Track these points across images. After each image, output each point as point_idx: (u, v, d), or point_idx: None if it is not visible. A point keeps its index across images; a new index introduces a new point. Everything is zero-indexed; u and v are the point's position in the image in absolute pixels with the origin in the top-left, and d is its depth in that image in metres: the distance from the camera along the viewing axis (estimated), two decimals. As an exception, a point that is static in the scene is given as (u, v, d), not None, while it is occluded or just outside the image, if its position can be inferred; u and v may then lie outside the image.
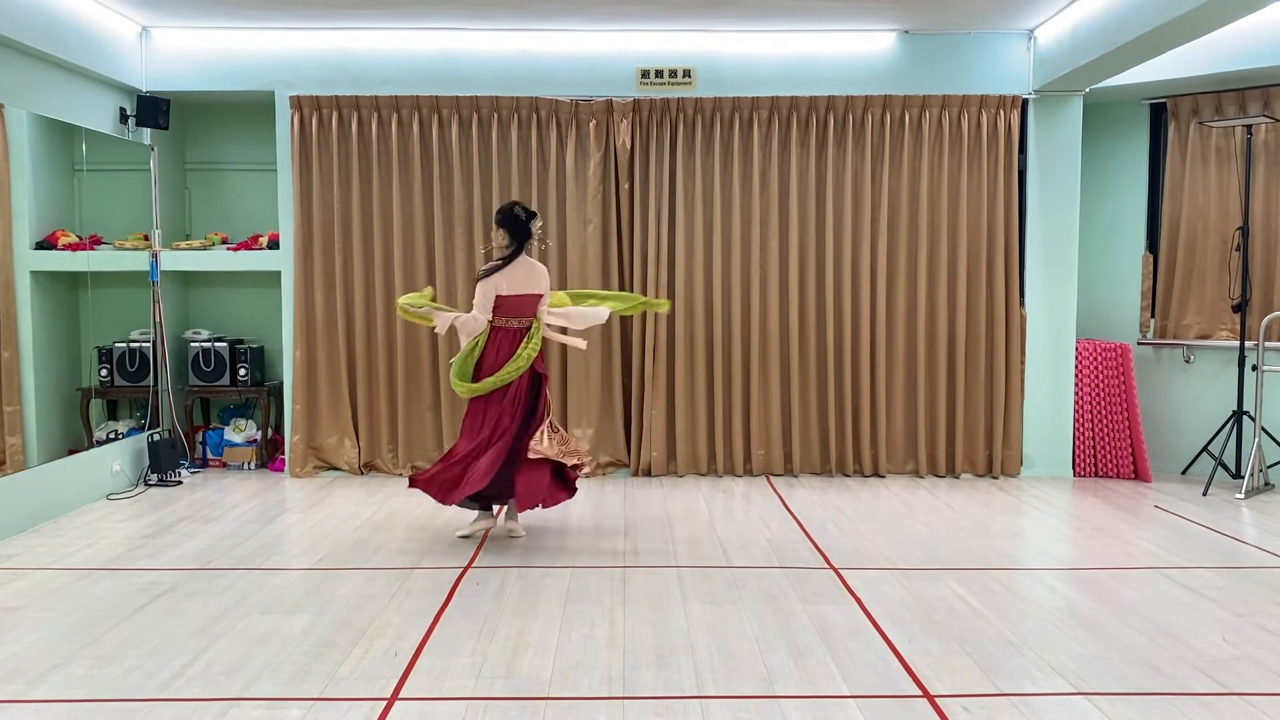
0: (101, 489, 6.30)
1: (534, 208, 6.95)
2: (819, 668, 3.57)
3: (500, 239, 5.24)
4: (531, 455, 5.06)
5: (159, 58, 6.88)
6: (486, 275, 5.17)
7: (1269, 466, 6.63)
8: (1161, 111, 7.17)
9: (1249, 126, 6.65)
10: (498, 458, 5.04)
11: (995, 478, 7.04)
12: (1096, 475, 7.09)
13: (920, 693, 3.36)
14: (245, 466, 7.29)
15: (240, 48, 6.88)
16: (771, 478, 7.01)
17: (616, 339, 7.05)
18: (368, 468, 7.10)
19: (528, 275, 5.21)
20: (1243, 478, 6.50)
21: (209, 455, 7.34)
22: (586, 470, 6.06)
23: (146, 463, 6.74)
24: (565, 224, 6.98)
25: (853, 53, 6.95)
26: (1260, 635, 3.90)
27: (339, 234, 6.95)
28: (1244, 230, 6.71)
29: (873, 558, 5.00)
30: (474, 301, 5.18)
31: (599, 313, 5.44)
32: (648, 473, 7.05)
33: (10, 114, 5.68)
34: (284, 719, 3.17)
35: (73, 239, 6.23)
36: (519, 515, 5.40)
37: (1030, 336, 7.03)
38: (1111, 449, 7.03)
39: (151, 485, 6.66)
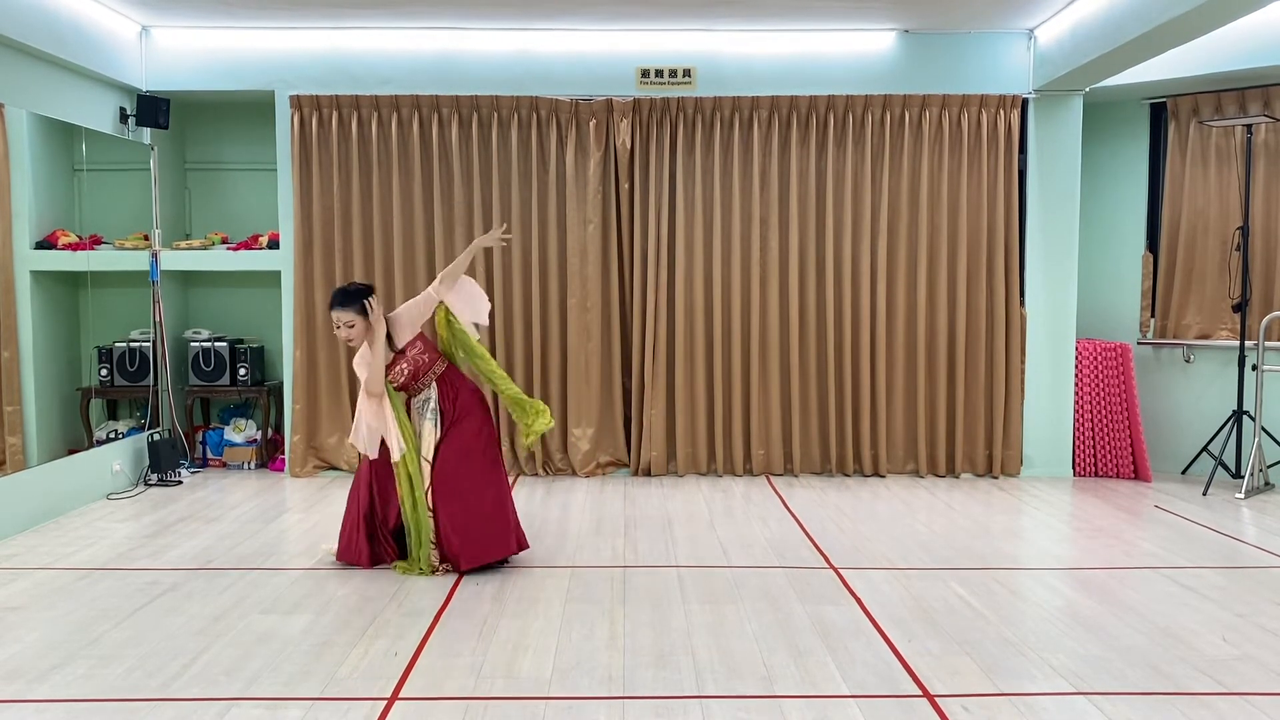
0: (101, 489, 6.30)
1: (534, 207, 7.00)
2: (819, 668, 3.57)
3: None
4: None
5: (159, 57, 6.88)
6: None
7: (1269, 466, 6.63)
8: (1161, 111, 7.17)
9: (1249, 126, 6.65)
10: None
11: (995, 477, 7.04)
12: (1096, 475, 7.09)
13: (920, 693, 3.36)
14: (245, 466, 7.29)
15: (240, 47, 6.88)
16: (771, 477, 7.01)
17: (616, 339, 7.06)
18: (368, 468, 7.09)
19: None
20: (1243, 478, 6.50)
21: (209, 455, 7.34)
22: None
23: (146, 463, 6.74)
24: (565, 224, 6.98)
25: (853, 53, 6.95)
26: (1260, 635, 3.91)
27: (339, 234, 6.94)
28: (1244, 230, 6.71)
29: (873, 558, 5.00)
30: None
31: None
32: (648, 472, 7.05)
33: (10, 114, 5.68)
34: (284, 719, 3.17)
35: (73, 239, 6.23)
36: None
37: (1030, 336, 7.03)
38: (1111, 449, 7.03)
39: (151, 485, 6.66)
